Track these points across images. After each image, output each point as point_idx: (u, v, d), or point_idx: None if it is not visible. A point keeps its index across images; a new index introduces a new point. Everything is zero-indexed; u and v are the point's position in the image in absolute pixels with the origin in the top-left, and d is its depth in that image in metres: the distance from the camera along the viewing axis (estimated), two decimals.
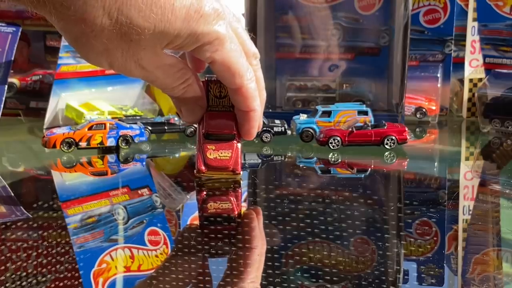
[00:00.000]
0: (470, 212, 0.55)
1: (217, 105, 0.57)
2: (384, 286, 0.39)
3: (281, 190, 0.60)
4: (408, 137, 0.74)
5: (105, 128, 0.73)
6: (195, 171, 0.56)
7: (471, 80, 0.94)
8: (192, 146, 0.76)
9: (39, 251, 0.41)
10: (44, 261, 0.40)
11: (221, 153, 0.57)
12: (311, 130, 0.77)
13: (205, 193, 0.56)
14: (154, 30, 0.45)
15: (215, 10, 0.48)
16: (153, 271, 0.41)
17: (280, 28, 0.87)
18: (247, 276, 0.39)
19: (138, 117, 0.81)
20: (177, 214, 0.55)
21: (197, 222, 0.51)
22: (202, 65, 0.56)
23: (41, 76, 0.93)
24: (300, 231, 0.48)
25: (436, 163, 0.76)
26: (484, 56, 0.91)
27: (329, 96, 0.87)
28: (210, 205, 0.53)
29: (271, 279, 0.39)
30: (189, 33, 0.47)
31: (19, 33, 0.84)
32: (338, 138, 0.73)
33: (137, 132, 0.74)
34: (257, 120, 0.55)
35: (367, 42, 0.86)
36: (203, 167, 0.56)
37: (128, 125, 0.75)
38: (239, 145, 0.56)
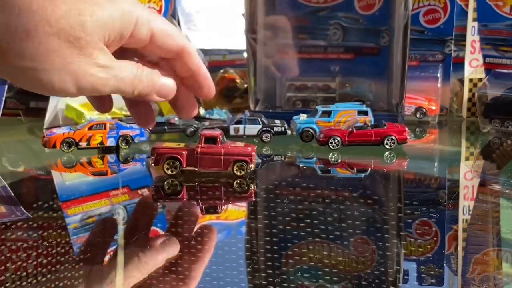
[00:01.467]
0: (470, 212, 0.55)
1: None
2: (384, 286, 0.39)
3: (281, 190, 0.60)
4: (408, 137, 0.74)
5: (105, 128, 0.73)
6: None
7: (471, 80, 0.94)
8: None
9: (39, 251, 0.41)
10: (44, 261, 0.40)
11: None
12: (311, 130, 0.77)
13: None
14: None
15: None
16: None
17: (280, 28, 0.87)
18: None
19: None
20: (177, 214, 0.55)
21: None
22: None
23: None
24: (300, 231, 0.48)
25: (436, 163, 0.76)
26: (484, 56, 0.91)
27: (329, 96, 0.87)
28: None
29: (271, 279, 0.39)
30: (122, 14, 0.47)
31: None
32: (338, 138, 0.73)
33: (137, 132, 0.74)
34: (208, 74, 0.55)
35: (367, 42, 0.87)
36: None
37: (128, 125, 0.75)
38: None
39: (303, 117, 0.78)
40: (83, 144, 0.72)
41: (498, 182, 0.65)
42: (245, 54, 0.91)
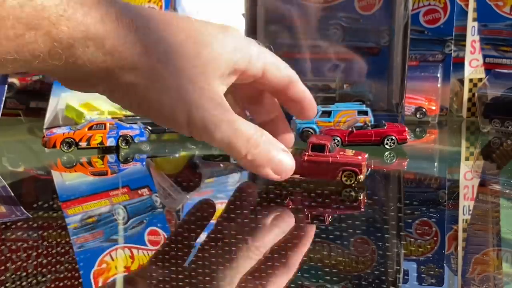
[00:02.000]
0: (470, 212, 0.55)
1: None
2: (384, 286, 0.39)
3: (281, 190, 0.60)
4: (408, 137, 0.74)
5: (105, 128, 0.73)
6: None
7: (471, 80, 0.94)
8: (193, 146, 0.76)
9: (39, 251, 0.41)
10: (44, 261, 0.40)
11: None
12: (311, 130, 0.77)
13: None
14: None
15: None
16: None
17: (280, 28, 0.87)
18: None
19: (138, 117, 0.81)
20: (177, 214, 0.55)
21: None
22: None
23: (41, 76, 0.93)
24: (300, 231, 0.48)
25: (436, 163, 0.76)
26: (484, 56, 0.91)
27: (329, 96, 0.87)
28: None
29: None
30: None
31: None
32: (338, 138, 0.73)
33: (137, 132, 0.74)
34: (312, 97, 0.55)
35: (367, 42, 0.86)
36: None
37: (128, 125, 0.75)
38: None
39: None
40: (83, 144, 0.72)
41: (498, 182, 0.65)
42: None
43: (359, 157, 0.58)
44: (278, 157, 0.48)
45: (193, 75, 0.43)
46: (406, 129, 0.74)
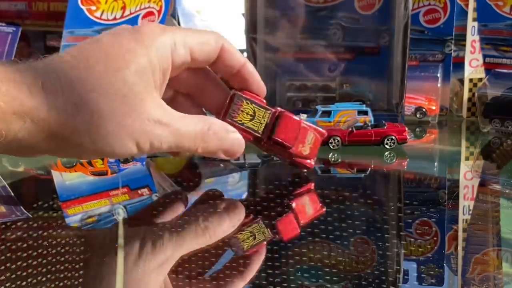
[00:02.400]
0: (470, 212, 0.55)
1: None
2: (384, 286, 0.39)
3: (281, 190, 0.60)
4: (408, 137, 0.74)
5: None
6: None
7: (471, 80, 0.94)
8: None
9: (39, 251, 0.41)
10: (44, 261, 0.39)
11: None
12: None
13: None
14: None
15: None
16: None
17: (280, 28, 0.87)
18: None
19: None
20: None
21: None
22: None
23: None
24: (300, 231, 0.48)
25: (436, 163, 0.76)
26: (484, 56, 0.91)
27: (329, 96, 0.87)
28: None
29: (271, 279, 0.39)
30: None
31: (19, 33, 0.84)
32: (338, 138, 0.73)
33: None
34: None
35: (367, 42, 0.86)
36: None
37: None
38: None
39: (303, 117, 0.78)
40: None
41: (498, 182, 0.65)
42: (245, 54, 0.91)
43: (309, 161, 0.58)
44: (227, 142, 0.51)
45: (126, 107, 0.44)
46: (406, 129, 0.74)
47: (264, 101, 0.55)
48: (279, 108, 0.56)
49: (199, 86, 0.54)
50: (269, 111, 0.55)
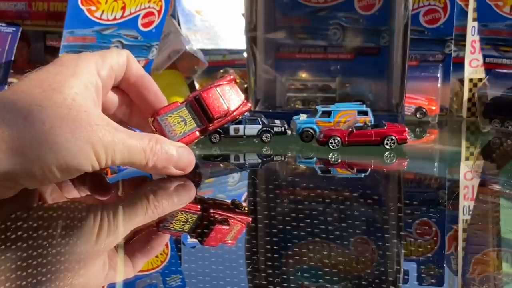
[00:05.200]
0: (470, 212, 0.55)
1: None
2: (384, 286, 0.39)
3: (281, 190, 0.61)
4: (408, 137, 0.74)
5: None
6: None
7: (471, 80, 0.94)
8: (193, 146, 0.76)
9: (39, 251, 0.41)
10: (44, 261, 0.40)
11: None
12: (311, 130, 0.77)
13: None
14: None
15: None
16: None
17: (280, 28, 0.87)
18: None
19: None
20: None
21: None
22: None
23: None
24: (300, 231, 0.48)
25: (436, 163, 0.76)
26: (484, 56, 0.91)
27: (329, 96, 0.87)
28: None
29: (271, 279, 0.39)
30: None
31: (19, 33, 0.84)
32: (338, 138, 0.73)
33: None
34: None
35: (367, 42, 0.87)
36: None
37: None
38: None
39: (303, 117, 0.78)
40: None
41: (498, 182, 0.65)
42: (245, 54, 0.91)
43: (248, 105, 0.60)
44: (175, 156, 0.53)
45: (75, 116, 0.47)
46: (406, 129, 0.74)
47: (179, 104, 0.58)
48: (190, 94, 0.58)
49: (128, 107, 0.58)
50: (187, 104, 0.57)
